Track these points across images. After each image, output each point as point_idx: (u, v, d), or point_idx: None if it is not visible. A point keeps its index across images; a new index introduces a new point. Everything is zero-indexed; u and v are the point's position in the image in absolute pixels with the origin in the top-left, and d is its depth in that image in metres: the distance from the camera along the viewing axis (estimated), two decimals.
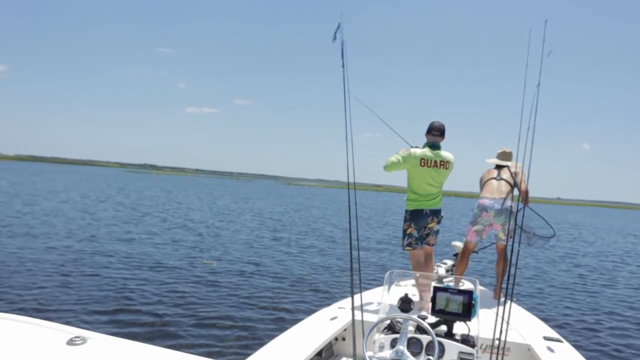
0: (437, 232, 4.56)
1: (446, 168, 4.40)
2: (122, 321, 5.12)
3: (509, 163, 4.96)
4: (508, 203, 4.66)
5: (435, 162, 4.34)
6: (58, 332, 1.45)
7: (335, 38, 2.62)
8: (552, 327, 3.89)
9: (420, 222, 4.43)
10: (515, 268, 2.36)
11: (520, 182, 4.59)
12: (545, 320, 4.26)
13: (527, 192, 4.61)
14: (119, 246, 9.67)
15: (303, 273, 8.41)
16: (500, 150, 5.06)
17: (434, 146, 4.38)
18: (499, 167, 4.99)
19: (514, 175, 4.77)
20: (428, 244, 4.56)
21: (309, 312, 3.90)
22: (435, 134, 4.40)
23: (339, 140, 4.15)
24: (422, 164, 4.32)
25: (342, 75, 2.74)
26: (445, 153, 4.40)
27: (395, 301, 2.85)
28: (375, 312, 3.59)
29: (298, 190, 74.86)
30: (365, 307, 3.64)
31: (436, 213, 4.47)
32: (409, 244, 4.44)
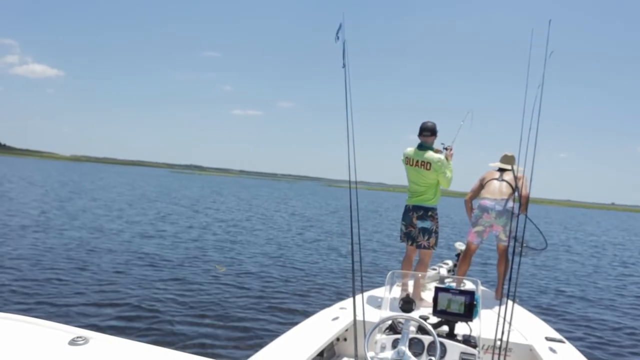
0: (425, 230, 4.47)
1: (427, 169, 4.41)
2: (124, 321, 5.12)
3: (509, 167, 4.96)
4: (510, 204, 4.65)
5: (417, 161, 4.47)
6: (60, 332, 1.45)
7: (337, 38, 2.61)
8: (554, 327, 3.88)
9: (405, 218, 4.62)
10: (518, 269, 2.36)
11: (522, 187, 4.61)
12: (547, 320, 4.25)
13: (527, 198, 4.60)
14: (131, 246, 9.64)
15: (306, 273, 8.41)
16: (503, 154, 5.07)
17: (421, 146, 4.52)
18: (501, 171, 5.00)
19: (516, 179, 4.76)
20: (419, 245, 4.52)
21: (311, 313, 3.90)
22: (426, 134, 4.51)
23: (380, 142, 4.45)
24: (406, 162, 4.58)
25: (344, 76, 2.74)
26: (429, 154, 4.43)
27: (396, 301, 2.85)
28: (377, 312, 3.59)
29: (339, 192, 73.84)
30: (366, 308, 3.64)
31: (417, 209, 4.50)
32: (399, 237, 4.72)
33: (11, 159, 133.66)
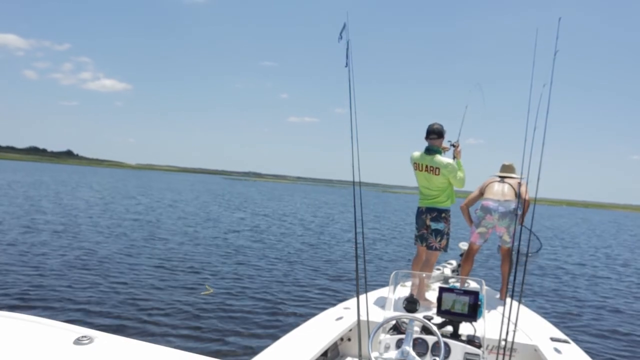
0: (437, 231, 4.45)
1: (436, 174, 4.34)
2: (129, 321, 5.13)
3: (513, 175, 4.96)
4: (512, 206, 4.64)
5: (425, 166, 4.39)
6: (65, 331, 1.45)
7: (341, 38, 2.61)
8: (559, 328, 3.86)
9: (418, 220, 4.59)
10: (524, 269, 2.35)
11: (525, 193, 4.62)
12: (552, 321, 4.23)
13: (529, 205, 4.61)
14: (141, 248, 9.67)
15: (311, 274, 8.41)
16: (501, 164, 5.08)
17: (429, 150, 4.43)
18: (502, 178, 5.02)
19: (518, 185, 4.76)
20: (430, 246, 4.51)
21: (315, 313, 3.90)
22: (433, 137, 4.43)
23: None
24: (415, 168, 4.50)
25: (347, 76, 2.74)
26: (438, 158, 4.35)
27: (400, 301, 2.85)
28: (381, 312, 3.58)
29: (391, 198, 72.17)
30: (370, 308, 3.63)
31: (431, 211, 4.47)
32: (414, 239, 4.68)
33: (81, 167, 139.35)
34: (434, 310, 2.84)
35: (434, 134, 4.41)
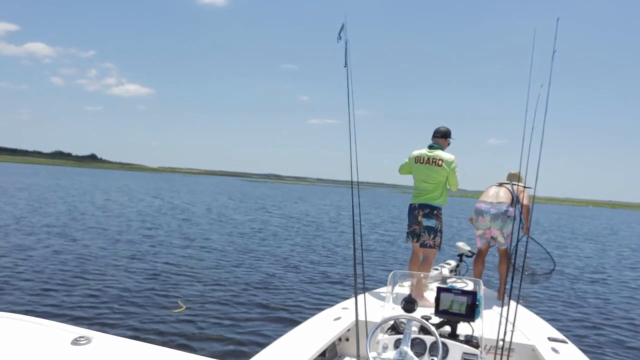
0: (430, 228, 4.53)
1: (438, 165, 4.56)
2: (127, 321, 5.13)
3: (519, 184, 5.00)
4: (504, 207, 4.65)
5: (428, 158, 4.65)
6: (63, 332, 1.45)
7: (340, 38, 2.62)
8: (557, 328, 3.87)
9: (411, 216, 4.73)
10: (522, 269, 2.35)
11: (523, 198, 4.66)
12: (549, 321, 4.24)
13: (528, 210, 4.62)
14: (137, 248, 9.66)
15: (310, 274, 8.41)
16: (508, 173, 5.15)
17: (432, 147, 4.72)
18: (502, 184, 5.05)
19: (517, 190, 4.78)
20: (424, 244, 4.56)
21: (313, 313, 3.90)
22: (437, 135, 4.76)
23: (458, 148, 4.58)
24: (417, 161, 4.73)
25: (345, 76, 2.74)
26: (440, 152, 4.64)
27: (399, 302, 2.85)
28: (379, 312, 3.59)
29: (409, 199, 71.89)
30: (369, 308, 3.63)
31: (423, 207, 4.60)
32: (406, 235, 4.81)
33: (103, 171, 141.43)
34: (432, 310, 2.85)
35: (439, 133, 4.75)
